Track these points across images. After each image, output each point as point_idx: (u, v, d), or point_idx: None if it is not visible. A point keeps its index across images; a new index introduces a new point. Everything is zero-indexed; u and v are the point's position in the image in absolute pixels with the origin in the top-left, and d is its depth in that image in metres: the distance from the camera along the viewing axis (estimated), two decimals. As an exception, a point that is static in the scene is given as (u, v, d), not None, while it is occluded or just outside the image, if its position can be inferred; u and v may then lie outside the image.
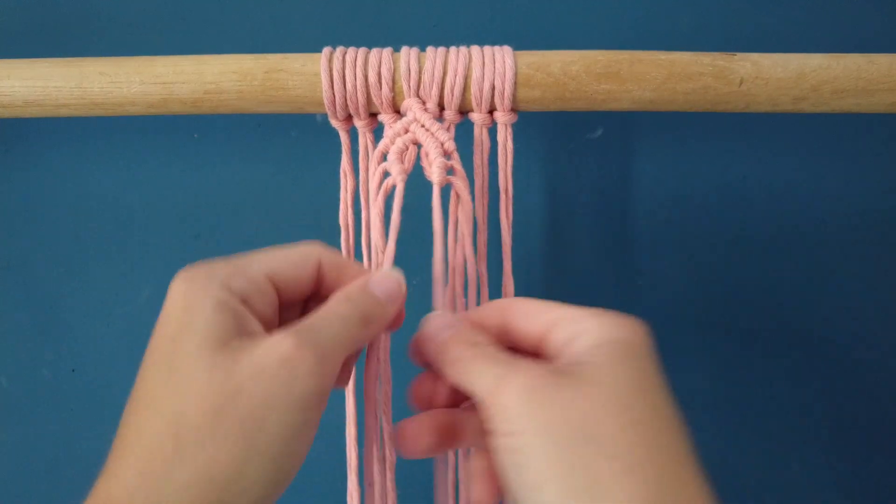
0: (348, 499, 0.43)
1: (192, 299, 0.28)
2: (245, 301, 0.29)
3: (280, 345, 0.26)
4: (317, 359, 0.27)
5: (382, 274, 0.33)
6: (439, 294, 0.35)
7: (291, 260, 0.31)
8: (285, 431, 0.26)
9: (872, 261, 0.57)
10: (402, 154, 0.38)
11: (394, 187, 0.37)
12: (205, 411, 0.25)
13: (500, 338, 0.31)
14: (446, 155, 0.39)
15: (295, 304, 0.33)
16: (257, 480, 0.26)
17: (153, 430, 0.26)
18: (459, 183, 0.39)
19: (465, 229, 0.40)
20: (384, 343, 0.37)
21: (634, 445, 0.25)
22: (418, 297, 0.53)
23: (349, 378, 0.35)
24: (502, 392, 0.27)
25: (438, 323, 0.32)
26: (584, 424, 0.25)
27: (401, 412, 0.38)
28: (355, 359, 0.35)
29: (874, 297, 0.58)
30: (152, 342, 0.30)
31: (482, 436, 0.31)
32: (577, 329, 0.29)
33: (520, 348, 0.31)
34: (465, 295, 0.40)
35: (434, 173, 0.38)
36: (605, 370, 0.27)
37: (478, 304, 0.41)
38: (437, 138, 0.38)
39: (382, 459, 0.38)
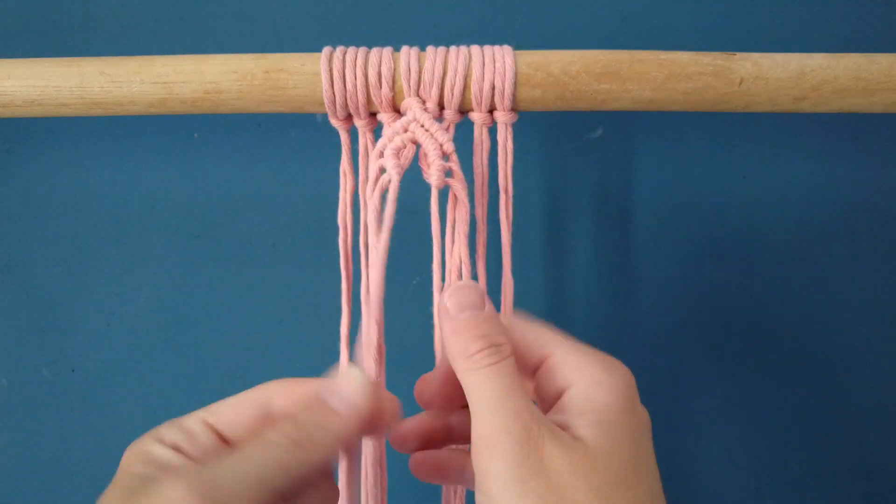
0: None
1: (124, 460, 0.28)
2: (177, 448, 0.28)
3: (167, 490, 0.25)
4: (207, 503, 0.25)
5: (340, 377, 0.29)
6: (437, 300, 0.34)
7: (235, 403, 0.29)
8: None
9: (873, 260, 0.57)
10: (399, 150, 0.38)
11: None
12: None
13: None
14: (445, 156, 0.39)
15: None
16: None
17: None
18: (457, 185, 0.39)
19: (461, 231, 0.40)
20: (374, 454, 0.35)
21: None
22: (418, 297, 0.54)
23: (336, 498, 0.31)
24: (496, 451, 0.26)
25: (463, 298, 0.29)
26: None
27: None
28: (326, 478, 0.30)
29: (875, 297, 0.58)
30: None
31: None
32: (565, 378, 0.28)
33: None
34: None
35: (432, 175, 0.38)
36: (595, 451, 0.26)
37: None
38: (436, 139, 0.38)
39: None
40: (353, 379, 0.29)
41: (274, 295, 0.57)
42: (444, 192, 0.39)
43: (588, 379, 0.28)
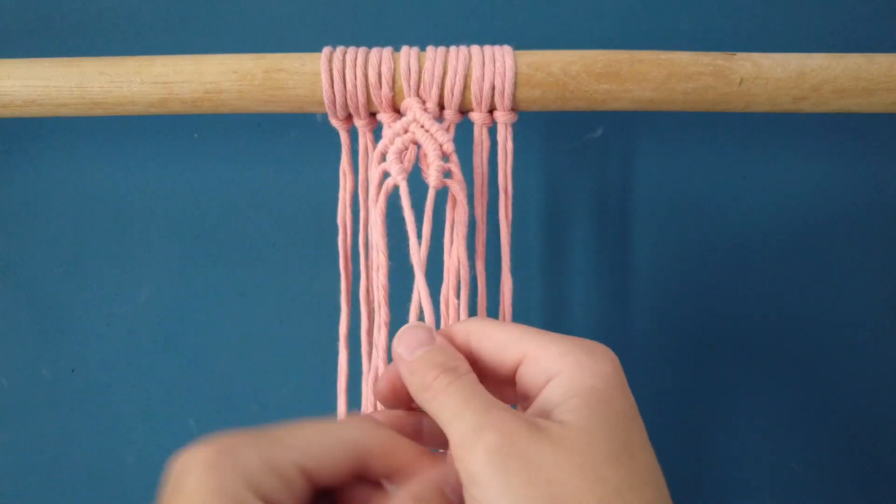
0: None
1: (207, 496, 0.23)
2: (268, 501, 0.25)
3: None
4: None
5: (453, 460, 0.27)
6: (420, 300, 0.35)
7: (329, 448, 0.27)
8: None
9: (873, 260, 0.57)
10: (401, 154, 0.38)
11: (396, 188, 0.37)
12: None
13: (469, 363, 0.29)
14: (444, 157, 0.39)
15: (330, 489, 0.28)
16: None
17: None
18: (456, 186, 0.39)
19: (460, 233, 0.40)
20: None
21: None
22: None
23: None
24: (475, 452, 0.25)
25: (411, 338, 0.29)
26: (557, 497, 0.24)
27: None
28: None
29: (875, 297, 0.58)
30: None
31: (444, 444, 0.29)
32: (547, 370, 0.27)
33: (488, 377, 0.29)
34: (458, 296, 0.40)
35: (431, 176, 0.38)
36: (580, 432, 0.25)
37: (472, 306, 0.41)
38: (435, 140, 0.38)
39: None
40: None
41: (274, 295, 0.57)
42: (443, 193, 0.39)
43: (571, 366, 0.27)
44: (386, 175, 0.38)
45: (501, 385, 0.30)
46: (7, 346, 0.58)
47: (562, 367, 0.27)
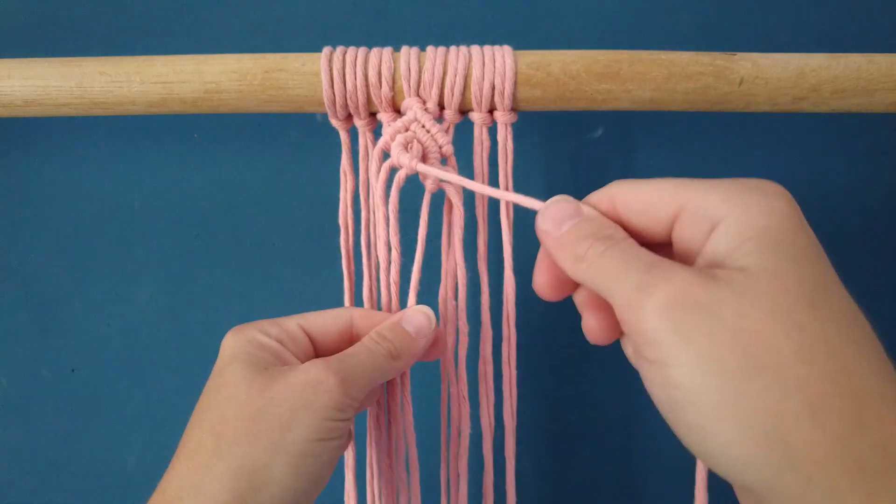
0: None
1: (235, 344, 0.33)
2: (280, 342, 0.34)
3: (309, 369, 0.32)
4: (339, 381, 0.31)
5: (413, 309, 0.37)
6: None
7: (323, 315, 0.37)
8: (308, 434, 0.30)
9: (873, 260, 0.57)
10: (406, 146, 0.38)
11: (408, 177, 0.37)
12: (242, 417, 0.30)
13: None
14: (443, 158, 0.39)
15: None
16: (284, 475, 0.29)
17: (200, 432, 0.30)
18: (452, 189, 0.39)
19: (457, 235, 0.40)
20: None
21: (815, 374, 0.20)
22: (420, 296, 0.53)
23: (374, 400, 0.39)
24: (645, 309, 0.22)
25: (557, 212, 0.27)
26: (751, 351, 0.20)
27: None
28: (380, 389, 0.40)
29: (875, 297, 0.58)
30: (207, 383, 0.34)
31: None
32: (709, 218, 0.24)
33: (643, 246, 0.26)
34: (456, 298, 0.40)
35: (427, 179, 0.38)
36: (763, 276, 0.22)
37: (474, 306, 0.41)
38: (436, 141, 0.38)
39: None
40: (423, 313, 0.37)
41: (274, 295, 0.57)
42: (437, 197, 0.39)
43: (738, 207, 0.23)
44: (393, 172, 0.38)
45: (660, 252, 0.26)
46: (7, 346, 0.58)
47: (727, 210, 0.23)
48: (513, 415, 0.41)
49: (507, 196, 0.34)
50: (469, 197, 0.41)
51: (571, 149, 0.55)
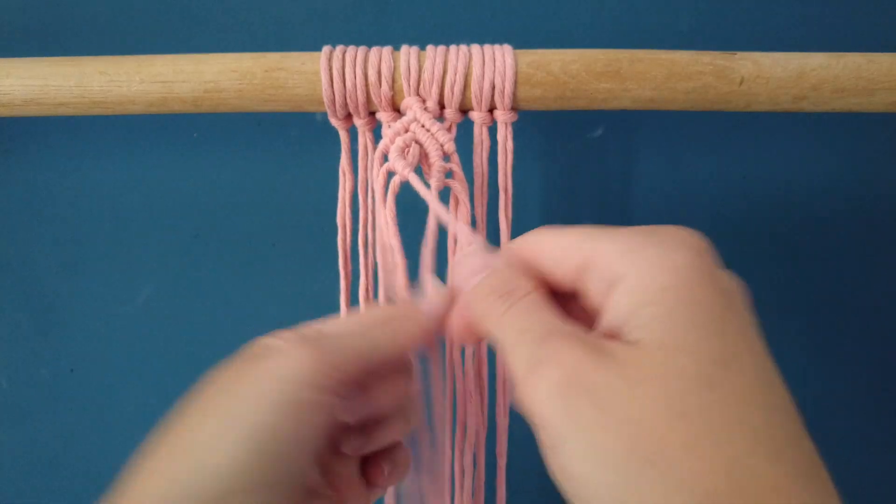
0: None
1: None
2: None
3: (288, 352, 0.26)
4: (316, 354, 0.26)
5: (424, 284, 0.31)
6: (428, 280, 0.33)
7: (370, 353, 0.28)
8: (261, 404, 0.24)
9: (873, 260, 0.57)
10: (403, 151, 0.38)
11: (403, 184, 0.37)
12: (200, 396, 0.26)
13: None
14: (445, 156, 0.39)
15: None
16: (234, 455, 0.23)
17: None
18: (458, 185, 0.39)
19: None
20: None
21: (704, 469, 0.18)
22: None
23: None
24: (536, 391, 0.21)
25: (465, 269, 0.27)
26: (639, 442, 0.19)
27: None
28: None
29: (874, 297, 0.58)
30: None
31: None
32: (609, 275, 0.22)
33: (557, 292, 0.25)
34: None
35: (433, 176, 0.38)
36: (657, 354, 0.20)
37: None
38: (436, 139, 0.38)
39: None
40: (434, 286, 0.30)
41: (274, 295, 0.57)
42: (444, 194, 0.39)
43: (636, 264, 0.21)
44: (390, 175, 0.38)
45: (574, 305, 0.25)
46: (6, 346, 0.58)
47: (626, 267, 0.22)
48: (505, 413, 0.41)
49: (457, 227, 0.34)
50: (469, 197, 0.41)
51: (571, 148, 0.55)
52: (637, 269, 0.21)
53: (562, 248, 0.24)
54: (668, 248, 0.22)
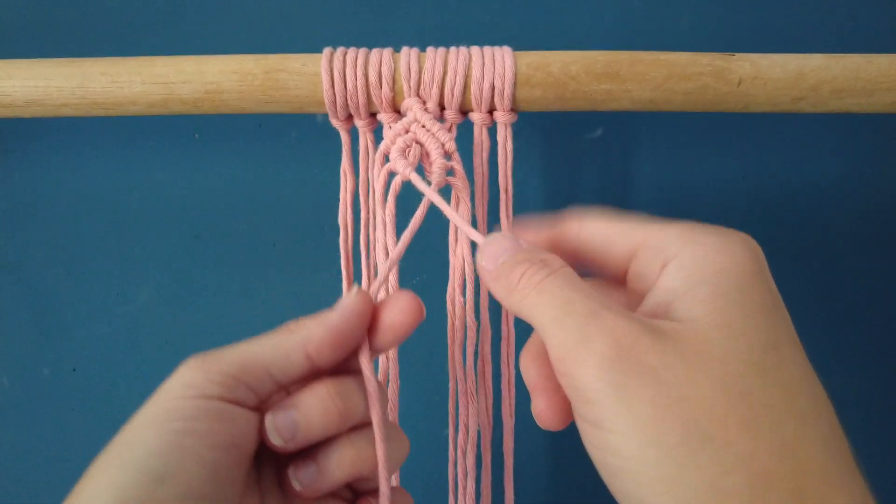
0: None
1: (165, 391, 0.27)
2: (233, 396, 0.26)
3: (180, 371, 0.26)
4: (200, 362, 0.26)
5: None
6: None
7: (284, 354, 0.27)
8: (142, 427, 0.25)
9: (873, 260, 0.57)
10: (404, 151, 0.38)
11: (404, 183, 0.37)
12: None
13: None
14: (447, 155, 0.39)
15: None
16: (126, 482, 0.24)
17: None
18: (459, 184, 0.39)
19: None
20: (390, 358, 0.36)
21: (759, 448, 0.19)
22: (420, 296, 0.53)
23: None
24: (585, 366, 0.20)
25: (495, 248, 0.25)
26: (696, 421, 0.19)
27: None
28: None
29: (874, 296, 0.58)
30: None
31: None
32: (665, 252, 0.22)
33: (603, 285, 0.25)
34: (464, 294, 0.40)
35: (434, 173, 0.38)
36: (713, 334, 0.20)
37: (478, 305, 0.42)
38: (437, 138, 0.38)
39: None
40: (353, 289, 0.28)
41: (274, 295, 0.57)
42: (444, 192, 0.39)
43: (693, 245, 0.22)
44: (391, 176, 0.38)
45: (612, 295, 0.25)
46: (8, 346, 0.58)
47: (682, 249, 0.22)
48: (511, 413, 0.42)
49: (461, 225, 0.33)
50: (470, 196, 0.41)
51: (571, 149, 0.55)
52: (694, 251, 0.21)
53: (616, 231, 0.24)
54: (727, 239, 0.22)
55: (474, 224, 0.41)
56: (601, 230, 0.25)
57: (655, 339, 0.20)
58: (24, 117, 0.41)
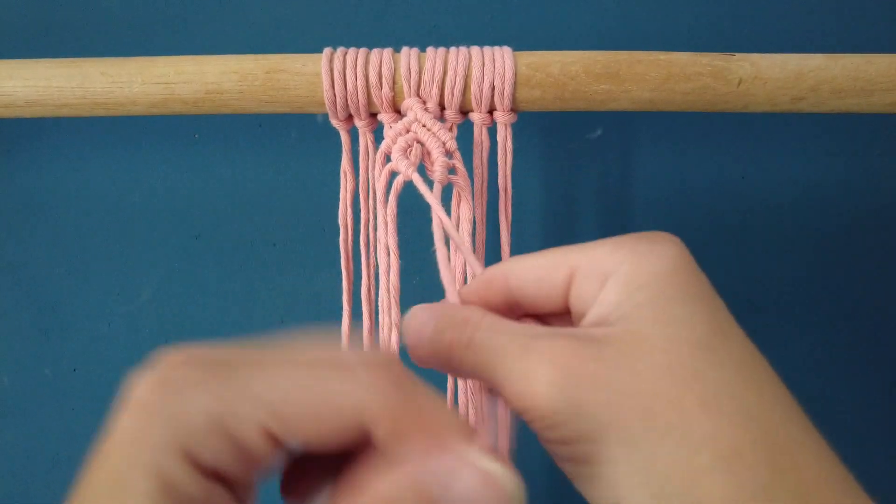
0: None
1: (130, 459, 0.19)
2: (214, 474, 0.18)
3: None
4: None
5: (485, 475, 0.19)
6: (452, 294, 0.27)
7: (314, 408, 0.18)
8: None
9: (872, 260, 0.57)
10: (406, 151, 0.38)
11: (406, 183, 0.37)
12: None
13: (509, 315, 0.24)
14: (448, 154, 0.39)
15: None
16: None
17: None
18: (461, 182, 0.39)
19: (465, 229, 0.40)
20: None
21: (723, 424, 0.19)
22: (419, 296, 0.53)
23: None
24: (536, 397, 0.20)
25: (414, 326, 0.24)
26: (653, 410, 0.19)
27: None
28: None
29: (874, 296, 0.58)
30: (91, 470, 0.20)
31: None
32: (601, 272, 0.22)
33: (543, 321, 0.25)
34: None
35: (436, 171, 0.38)
36: (655, 326, 0.20)
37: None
38: (438, 137, 0.39)
39: None
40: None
41: (274, 295, 0.57)
42: (445, 193, 0.39)
43: (626, 258, 0.22)
44: (393, 175, 0.38)
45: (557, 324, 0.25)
46: (9, 346, 0.58)
47: (617, 261, 0.22)
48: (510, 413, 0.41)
49: (453, 234, 0.32)
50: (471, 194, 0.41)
51: (571, 149, 0.55)
52: (627, 262, 0.22)
53: (543, 266, 0.24)
54: (655, 243, 0.22)
55: (474, 224, 0.41)
56: (528, 271, 0.24)
57: (592, 347, 0.20)
58: (25, 117, 0.41)
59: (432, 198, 0.34)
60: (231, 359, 0.19)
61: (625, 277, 0.22)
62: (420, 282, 0.56)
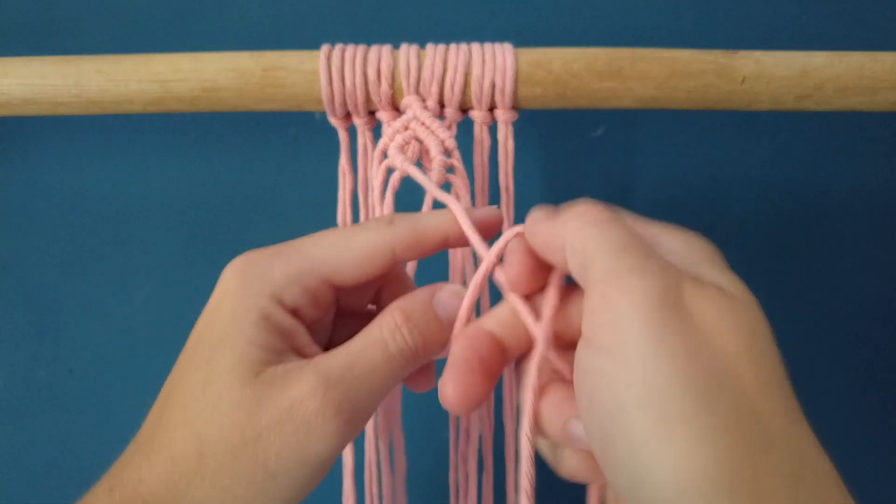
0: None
1: (239, 306, 0.27)
2: (297, 313, 0.28)
3: (305, 401, 0.25)
4: (340, 423, 0.25)
5: (451, 290, 0.29)
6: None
7: (356, 265, 0.28)
8: (294, 485, 0.26)
9: (875, 259, 0.57)
10: (403, 148, 0.38)
11: (403, 180, 0.37)
12: (226, 445, 0.25)
13: None
14: (446, 153, 0.39)
15: (359, 292, 0.31)
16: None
17: (182, 442, 0.26)
18: (459, 181, 0.38)
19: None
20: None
21: (769, 409, 0.22)
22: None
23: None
24: (622, 286, 0.22)
25: (535, 213, 0.27)
26: (715, 366, 0.21)
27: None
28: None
29: (876, 296, 0.57)
30: (196, 334, 0.30)
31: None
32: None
33: None
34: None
35: (434, 171, 0.37)
36: (734, 297, 0.24)
37: (478, 306, 0.41)
38: (437, 135, 0.38)
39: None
40: (458, 296, 0.29)
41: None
42: (444, 190, 0.39)
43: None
44: (389, 172, 0.38)
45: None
46: (4, 347, 0.57)
47: (665, 234, 0.27)
48: (513, 417, 0.41)
49: (471, 235, 0.30)
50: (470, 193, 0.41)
51: (572, 147, 0.55)
52: (679, 238, 0.28)
53: (549, 231, 0.27)
54: (691, 234, 0.27)
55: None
56: (542, 234, 0.27)
57: (697, 287, 0.23)
58: (20, 116, 0.41)
59: (431, 185, 0.34)
60: (287, 243, 0.29)
61: (684, 248, 0.28)
62: (418, 280, 0.56)
